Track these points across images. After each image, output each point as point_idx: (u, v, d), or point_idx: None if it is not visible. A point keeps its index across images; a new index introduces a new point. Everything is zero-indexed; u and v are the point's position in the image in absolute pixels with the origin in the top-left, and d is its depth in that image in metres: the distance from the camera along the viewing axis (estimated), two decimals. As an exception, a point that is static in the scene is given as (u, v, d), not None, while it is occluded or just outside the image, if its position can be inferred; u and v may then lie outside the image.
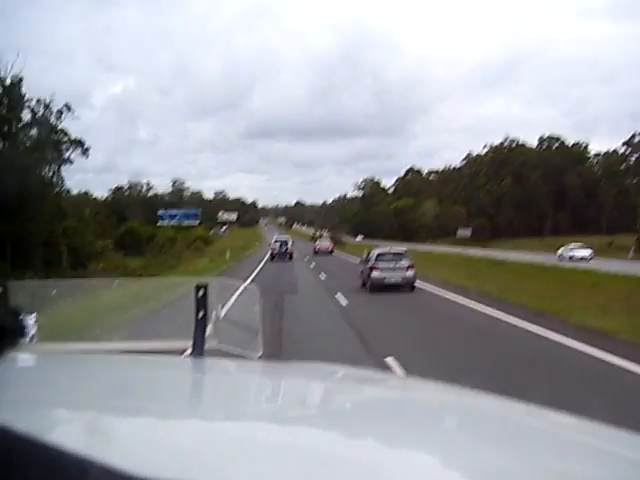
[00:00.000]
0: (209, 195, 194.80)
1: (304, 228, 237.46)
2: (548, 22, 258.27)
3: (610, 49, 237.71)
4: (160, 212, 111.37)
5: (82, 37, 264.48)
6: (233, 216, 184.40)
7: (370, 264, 22.90)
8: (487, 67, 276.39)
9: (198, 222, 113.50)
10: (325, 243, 67.94)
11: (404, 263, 22.51)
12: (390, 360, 10.02)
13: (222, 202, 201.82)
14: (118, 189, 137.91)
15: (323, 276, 32.90)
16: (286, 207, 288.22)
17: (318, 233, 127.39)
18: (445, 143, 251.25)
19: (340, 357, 10.09)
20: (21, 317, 0.84)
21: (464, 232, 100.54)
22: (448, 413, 1.49)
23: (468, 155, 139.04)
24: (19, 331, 0.80)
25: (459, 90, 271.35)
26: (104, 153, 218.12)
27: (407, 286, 22.13)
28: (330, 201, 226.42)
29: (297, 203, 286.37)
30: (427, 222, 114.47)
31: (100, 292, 3.60)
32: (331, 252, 62.51)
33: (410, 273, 22.26)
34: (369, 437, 1.17)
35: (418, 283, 23.54)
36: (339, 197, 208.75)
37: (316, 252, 61.22)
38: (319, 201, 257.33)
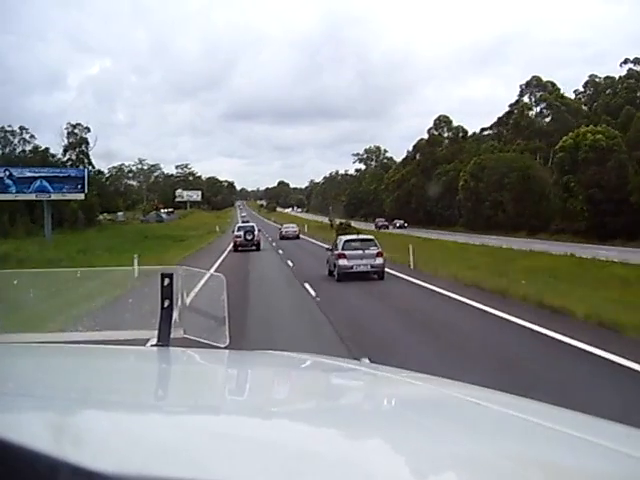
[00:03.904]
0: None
1: (294, 211, 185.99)
2: (536, 2, 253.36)
3: (598, 31, 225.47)
4: (-3, 174, 48.78)
5: (55, 15, 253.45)
6: (196, 196, 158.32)
7: (337, 251, 21.27)
8: (473, 48, 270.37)
9: (84, 194, 51.04)
10: (292, 227, 59.42)
11: (373, 250, 21.05)
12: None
13: (186, 179, 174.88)
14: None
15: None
16: (267, 189, 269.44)
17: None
18: (429, 126, 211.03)
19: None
20: None
21: None
22: (422, 403, 1.49)
23: (590, 79, 78.10)
24: None
25: (443, 72, 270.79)
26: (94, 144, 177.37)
27: (376, 274, 20.70)
28: (320, 180, 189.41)
29: (280, 183, 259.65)
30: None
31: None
32: (297, 237, 55.09)
33: (379, 260, 20.94)
34: (341, 429, 1.18)
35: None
36: (330, 175, 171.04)
37: (282, 237, 54.79)
38: (300, 185, 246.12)
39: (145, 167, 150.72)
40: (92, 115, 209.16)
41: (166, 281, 2.12)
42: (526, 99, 77.01)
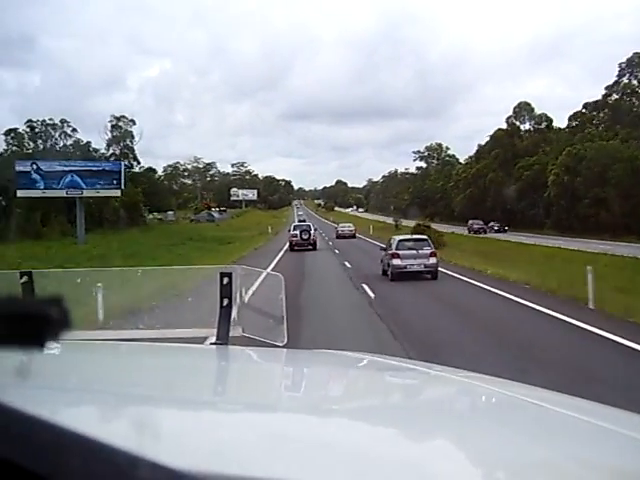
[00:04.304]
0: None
1: (354, 211, 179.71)
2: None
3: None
4: (20, 167, 42.63)
5: (115, 18, 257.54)
6: (251, 194, 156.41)
7: (391, 251, 21.07)
8: (533, 46, 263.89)
9: (120, 190, 45.05)
10: (348, 226, 59.19)
11: (426, 250, 20.98)
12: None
13: (242, 178, 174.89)
14: (10, 133, 69.69)
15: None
16: (324, 188, 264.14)
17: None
18: (487, 126, 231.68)
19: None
20: (64, 305, 0.77)
21: None
22: (482, 403, 1.53)
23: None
24: (64, 321, 0.71)
25: (502, 70, 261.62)
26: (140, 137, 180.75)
27: (429, 274, 20.74)
28: (378, 179, 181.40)
29: (338, 182, 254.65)
30: None
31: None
32: (353, 236, 54.31)
33: (433, 260, 20.86)
34: (399, 428, 1.18)
35: None
36: (389, 173, 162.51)
37: (338, 236, 54.78)
38: (358, 184, 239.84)
39: (200, 165, 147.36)
40: (151, 115, 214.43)
41: (225, 280, 2.15)
42: (626, 80, 65.45)
